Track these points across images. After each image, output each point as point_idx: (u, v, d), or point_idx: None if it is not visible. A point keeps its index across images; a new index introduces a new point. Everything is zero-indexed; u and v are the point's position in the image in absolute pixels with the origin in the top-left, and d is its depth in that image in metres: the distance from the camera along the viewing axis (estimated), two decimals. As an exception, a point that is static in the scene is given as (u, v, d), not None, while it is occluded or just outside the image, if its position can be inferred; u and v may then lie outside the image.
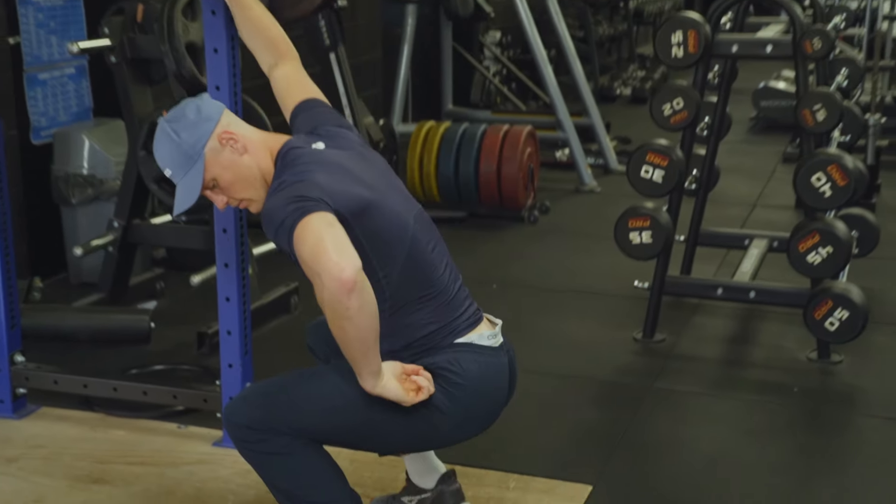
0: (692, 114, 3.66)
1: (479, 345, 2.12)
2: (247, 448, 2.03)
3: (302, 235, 1.88)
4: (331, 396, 2.03)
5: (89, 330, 3.63)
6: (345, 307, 1.84)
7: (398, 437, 2.09)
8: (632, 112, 8.46)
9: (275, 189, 2.01)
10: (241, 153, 2.07)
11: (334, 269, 1.82)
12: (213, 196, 2.09)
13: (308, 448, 2.02)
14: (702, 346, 3.75)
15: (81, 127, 4.28)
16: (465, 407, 2.08)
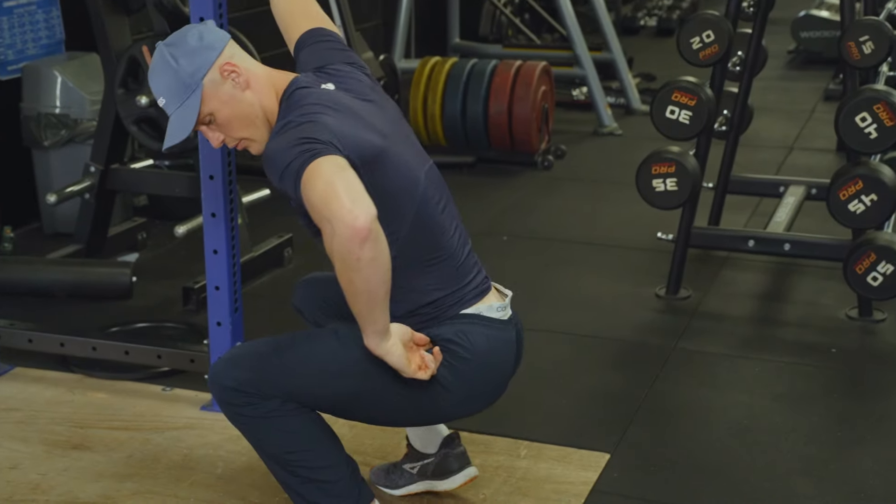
0: (724, 47, 3.61)
1: (488, 317, 2.11)
2: (234, 411, 2.04)
3: (311, 179, 1.85)
4: (327, 361, 2.03)
5: (66, 284, 3.63)
6: (356, 257, 1.82)
7: (396, 410, 2.09)
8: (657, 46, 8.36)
9: (280, 129, 1.99)
10: (244, 88, 2.04)
11: (347, 215, 1.80)
12: (207, 132, 2.06)
13: (299, 411, 2.03)
14: (730, 303, 3.74)
15: (53, 61, 4.24)
16: (471, 383, 2.09)
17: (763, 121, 5.69)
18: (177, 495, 2.51)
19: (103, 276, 3.65)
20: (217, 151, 2.70)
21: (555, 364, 3.25)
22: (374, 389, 2.04)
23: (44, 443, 2.72)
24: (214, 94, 2.02)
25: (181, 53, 2.02)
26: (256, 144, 2.08)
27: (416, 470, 2.45)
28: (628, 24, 8.90)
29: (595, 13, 6.42)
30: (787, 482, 2.61)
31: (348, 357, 2.02)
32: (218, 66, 2.03)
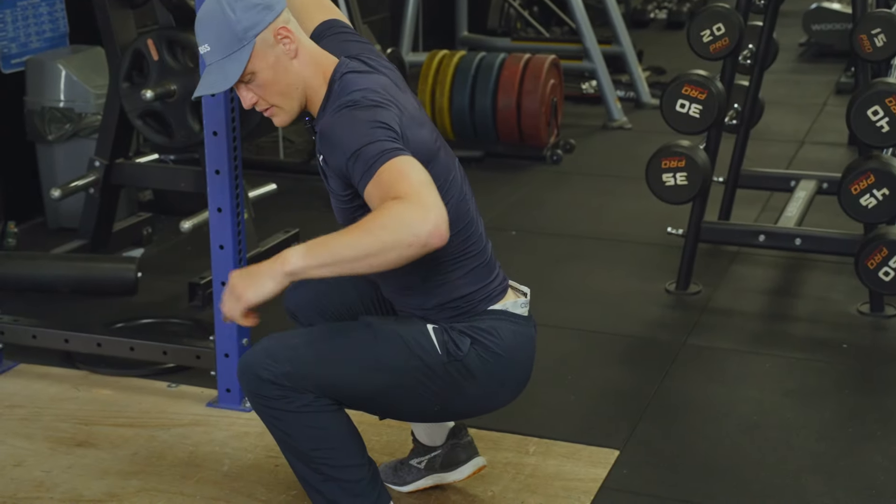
0: (734, 40, 3.60)
1: (515, 313, 2.16)
2: (265, 404, 2.04)
3: (402, 169, 1.82)
4: (364, 355, 2.05)
5: (70, 280, 3.64)
6: (407, 243, 1.78)
7: (425, 404, 2.11)
8: (667, 39, 8.34)
9: (340, 107, 1.97)
10: (291, 57, 2.04)
11: (441, 221, 1.78)
12: (242, 91, 2.05)
13: (330, 408, 2.05)
14: (741, 298, 3.74)
15: (57, 55, 4.25)
16: (499, 379, 2.13)
17: (774, 114, 5.68)
18: (182, 492, 2.52)
19: (108, 272, 3.65)
20: (223, 146, 2.71)
21: (564, 360, 3.25)
22: (408, 383, 2.06)
23: (48, 440, 2.74)
24: (263, 55, 2.01)
25: (240, 6, 1.99)
26: (284, 115, 2.07)
27: (424, 464, 2.46)
28: (638, 17, 8.87)
29: (605, 6, 6.41)
30: (798, 479, 2.61)
31: (385, 350, 2.05)
32: (273, 28, 2.02)
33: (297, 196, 4.76)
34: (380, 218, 1.80)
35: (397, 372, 2.06)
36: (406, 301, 2.15)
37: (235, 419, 2.83)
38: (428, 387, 2.08)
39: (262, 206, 4.15)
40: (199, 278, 3.59)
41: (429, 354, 2.07)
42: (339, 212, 2.13)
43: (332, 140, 1.96)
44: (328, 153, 1.98)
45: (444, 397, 2.11)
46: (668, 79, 4.49)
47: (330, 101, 2.04)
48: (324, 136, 1.99)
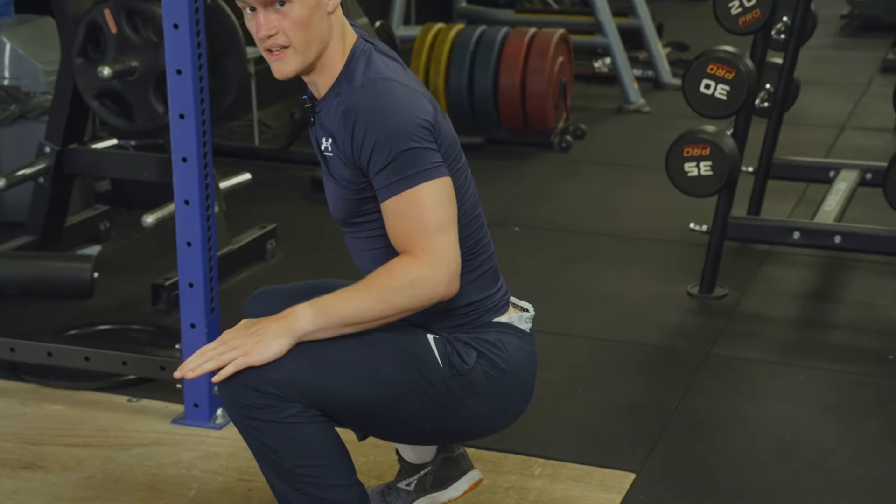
0: (766, 12, 3.61)
1: (520, 328, 2.19)
2: (247, 414, 2.04)
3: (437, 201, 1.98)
4: (356, 364, 2.06)
5: (17, 281, 3.64)
6: (418, 305, 1.98)
7: (420, 422, 2.13)
8: (690, 11, 8.35)
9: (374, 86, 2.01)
10: (330, 11, 2.07)
11: (453, 278, 1.99)
12: (268, 13, 2.03)
13: (318, 420, 2.06)
14: (772, 303, 3.75)
15: (0, 25, 4.25)
16: (502, 396, 2.15)
17: (811, 96, 5.69)
18: (144, 520, 2.52)
19: (60, 272, 3.66)
20: (191, 130, 2.71)
21: (573, 371, 3.26)
22: (404, 398, 2.08)
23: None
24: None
25: None
26: (295, 62, 2.06)
27: (414, 486, 2.47)
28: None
29: (620, -27, 6.43)
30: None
31: (381, 360, 2.07)
32: None
33: (273, 187, 4.76)
34: (393, 281, 1.98)
35: (393, 384, 2.07)
36: None
37: (204, 438, 2.83)
38: (425, 403, 2.09)
39: (234, 198, 4.15)
40: (164, 279, 3.59)
41: (429, 367, 2.08)
42: (340, 203, 2.12)
43: (364, 121, 1.99)
44: (350, 134, 2.00)
45: (441, 416, 2.12)
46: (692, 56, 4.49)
47: (349, 79, 2.06)
48: (349, 115, 2.00)
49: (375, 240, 2.13)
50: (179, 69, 2.69)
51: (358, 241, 2.17)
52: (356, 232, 2.16)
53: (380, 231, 2.11)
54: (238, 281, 3.84)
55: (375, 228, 2.11)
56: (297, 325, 1.98)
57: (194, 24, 2.67)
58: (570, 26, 5.99)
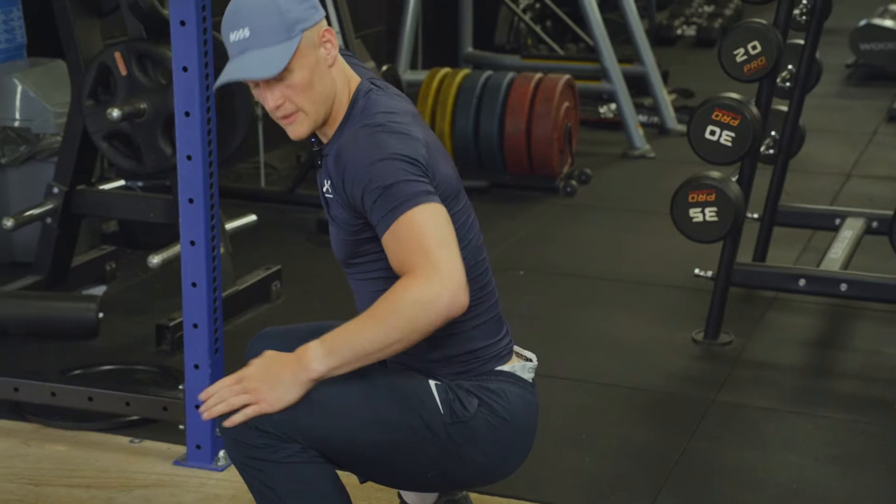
0: (772, 60, 3.63)
1: (523, 378, 2.19)
2: (246, 453, 2.04)
3: (428, 222, 1.95)
4: (357, 406, 2.06)
5: (23, 320, 3.65)
6: (428, 324, 1.93)
7: (419, 467, 2.12)
8: (696, 58, 8.40)
9: (362, 129, 2.03)
10: (329, 64, 2.10)
11: (460, 291, 1.92)
12: (271, 89, 2.07)
13: (317, 461, 2.06)
14: (778, 350, 3.73)
15: (12, 68, 4.29)
16: (502, 446, 2.14)
17: (816, 144, 5.70)
18: (144, 562, 2.50)
19: (66, 312, 3.66)
20: (198, 172, 2.73)
21: (575, 416, 3.24)
22: (403, 444, 2.08)
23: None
24: (305, 54, 2.06)
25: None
26: (307, 124, 2.09)
27: (415, 528, 2.45)
28: (664, 34, 8.95)
29: (626, 21, 6.47)
30: (843, 556, 2.60)
31: (381, 403, 2.07)
32: (319, 29, 2.08)
33: (279, 229, 4.77)
34: (395, 304, 1.93)
35: (393, 429, 2.06)
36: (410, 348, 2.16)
37: (206, 479, 2.82)
38: (424, 450, 2.08)
39: (240, 240, 4.16)
40: (168, 320, 3.59)
41: (429, 413, 2.08)
42: (341, 244, 2.14)
43: (352, 164, 2.00)
44: (342, 177, 2.02)
45: (441, 463, 2.11)
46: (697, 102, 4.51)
47: (350, 121, 2.09)
48: (340, 158, 2.03)
49: (376, 282, 2.13)
50: (188, 111, 2.71)
51: (359, 283, 2.18)
52: (357, 273, 2.17)
53: (379, 273, 2.11)
54: (242, 322, 3.84)
55: (375, 270, 2.12)
56: (311, 369, 1.98)
57: (203, 67, 2.69)
58: (576, 72, 6.02)
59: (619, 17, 6.76)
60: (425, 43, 6.99)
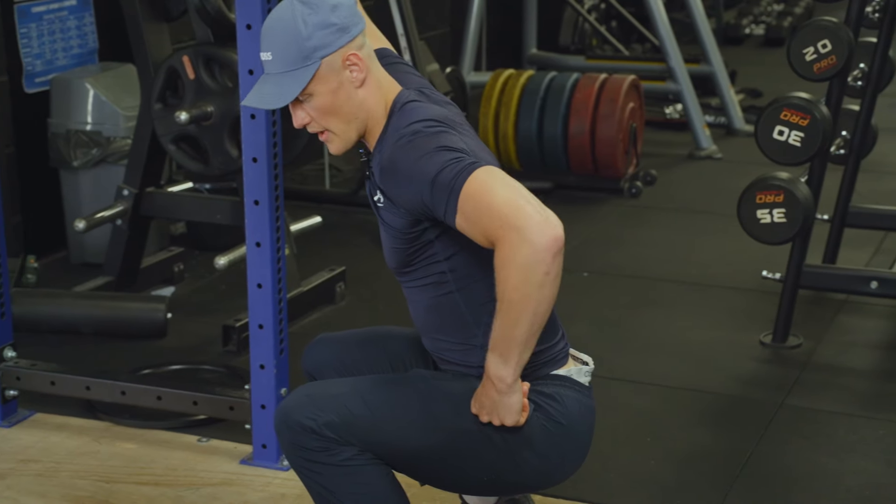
0: (843, 59, 3.57)
1: (579, 381, 2.18)
2: (304, 456, 2.06)
3: (487, 186, 1.92)
4: (413, 410, 2.08)
5: (93, 321, 3.72)
6: (545, 270, 1.89)
7: (473, 471, 2.12)
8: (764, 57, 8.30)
9: (401, 138, 2.04)
10: (357, 85, 2.10)
11: (543, 223, 1.88)
12: (296, 109, 2.12)
13: (374, 463, 2.08)
14: (849, 353, 3.67)
15: (84, 73, 4.37)
16: (558, 450, 2.13)
17: (889, 143, 5.59)
18: (211, 560, 2.53)
19: (135, 312, 3.72)
20: (263, 174, 2.75)
21: (641, 420, 3.22)
22: (459, 448, 2.08)
23: (65, 499, 2.78)
24: (325, 79, 2.08)
25: (313, 21, 2.06)
26: (339, 142, 2.12)
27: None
28: (731, 33, 8.85)
29: (693, 20, 6.41)
30: (916, 565, 2.55)
31: (438, 408, 2.08)
32: (343, 53, 2.08)
33: (343, 230, 4.80)
34: (510, 281, 1.91)
35: (450, 434, 2.07)
36: (462, 357, 2.16)
37: (272, 479, 2.85)
38: (480, 454, 2.08)
39: (304, 241, 4.19)
40: (235, 320, 3.63)
41: None
42: (393, 252, 2.15)
43: (400, 175, 2.01)
44: (394, 188, 2.03)
45: (496, 468, 2.11)
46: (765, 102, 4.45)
47: (388, 133, 2.09)
48: (386, 172, 2.04)
49: (427, 289, 2.13)
50: (253, 114, 2.74)
51: (411, 291, 2.18)
52: (408, 281, 2.17)
53: (430, 280, 2.11)
54: (307, 323, 3.87)
55: (426, 277, 2.12)
56: (503, 379, 1.99)
57: (269, 71, 2.71)
58: (642, 72, 5.98)
59: (685, 17, 6.69)
60: (489, 44, 6.99)
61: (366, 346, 2.32)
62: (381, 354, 2.30)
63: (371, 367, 2.28)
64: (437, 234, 2.07)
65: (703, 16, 6.42)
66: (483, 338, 2.09)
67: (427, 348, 2.23)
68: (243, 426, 2.96)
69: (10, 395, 3.14)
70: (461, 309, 2.12)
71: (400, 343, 2.32)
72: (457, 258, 2.09)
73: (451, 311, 2.13)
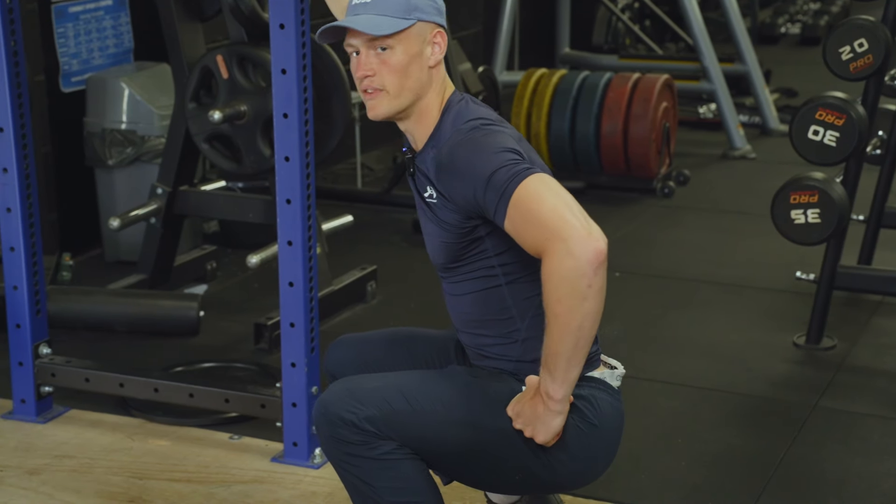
0: (879, 58, 3.54)
1: (611, 384, 2.19)
2: (343, 450, 2.08)
3: (537, 193, 1.97)
4: (452, 406, 2.09)
5: (127, 318, 3.75)
6: (588, 283, 1.93)
7: (505, 471, 2.13)
8: (799, 56, 8.24)
9: (459, 132, 2.08)
10: (431, 65, 2.15)
11: (588, 236, 1.93)
12: (368, 55, 2.13)
13: (412, 458, 2.10)
14: (885, 356, 3.64)
15: (120, 72, 4.41)
16: (590, 451, 2.14)
17: (925, 143, 5.54)
18: (242, 557, 2.55)
19: (168, 310, 3.75)
20: (295, 173, 2.77)
21: (672, 420, 3.21)
22: (494, 445, 2.09)
23: (99, 495, 2.80)
24: (412, 40, 2.12)
25: None
26: (387, 105, 2.14)
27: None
28: (766, 32, 8.79)
29: (727, 19, 6.37)
30: (951, 570, 2.52)
31: (475, 406, 2.09)
32: (434, 28, 2.14)
33: (375, 229, 4.81)
34: (556, 294, 1.94)
35: (485, 432, 2.09)
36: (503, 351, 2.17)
37: (302, 477, 2.86)
38: (514, 453, 2.10)
39: (336, 240, 4.20)
40: (266, 318, 3.65)
41: None
42: (442, 247, 2.16)
43: (457, 169, 2.05)
44: (449, 182, 2.06)
45: (529, 467, 2.12)
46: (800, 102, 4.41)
47: (443, 129, 2.13)
48: (443, 167, 2.07)
49: (475, 282, 2.14)
50: (286, 113, 2.75)
51: (456, 286, 2.19)
52: (454, 276, 2.18)
53: (479, 274, 2.12)
54: (339, 321, 3.88)
55: (475, 271, 2.13)
56: (552, 396, 2.01)
57: (301, 70, 2.73)
58: (675, 72, 5.95)
59: (719, 16, 6.66)
60: (522, 44, 6.98)
61: (389, 346, 2.33)
62: (405, 355, 2.31)
63: (394, 367, 2.28)
64: (488, 230, 2.10)
65: (738, 15, 6.38)
66: (526, 332, 2.13)
67: (465, 343, 2.24)
68: (274, 424, 2.97)
69: (45, 391, 3.18)
70: (507, 302, 2.14)
71: (424, 344, 2.33)
72: (507, 254, 2.11)
73: (497, 304, 2.14)
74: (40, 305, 3.14)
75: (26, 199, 3.06)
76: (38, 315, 3.14)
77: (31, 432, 3.10)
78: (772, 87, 6.77)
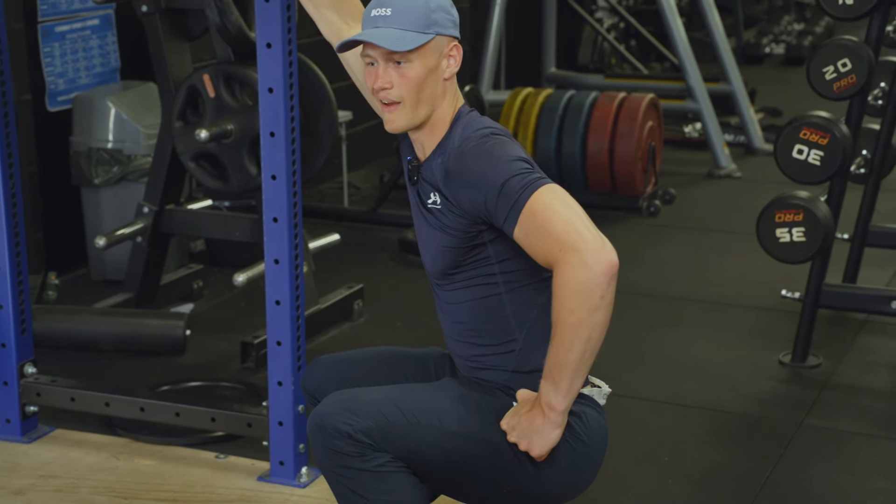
0: (863, 78, 3.57)
1: (597, 401, 2.21)
2: (338, 462, 2.08)
3: (550, 202, 2.01)
4: (447, 418, 2.11)
5: (113, 337, 3.74)
6: (600, 294, 1.97)
7: (497, 481, 2.14)
8: (784, 76, 8.29)
9: (468, 140, 2.12)
10: (446, 77, 2.19)
11: (602, 249, 1.97)
12: (387, 68, 2.16)
13: (405, 471, 2.10)
14: (869, 374, 3.66)
15: (106, 91, 4.41)
16: (580, 466, 2.16)
17: (909, 162, 5.58)
18: (228, 576, 2.54)
19: (154, 329, 3.74)
20: (282, 191, 2.77)
21: (658, 438, 3.21)
22: (485, 458, 2.11)
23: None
24: (429, 54, 2.15)
25: (437, 3, 2.16)
26: (404, 117, 2.17)
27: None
28: (751, 52, 8.85)
29: (712, 39, 6.42)
30: (937, 587, 2.53)
31: (468, 419, 2.11)
32: (451, 42, 2.19)
33: (361, 248, 4.82)
34: (565, 305, 1.98)
35: (478, 445, 2.10)
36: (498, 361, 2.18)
37: (289, 496, 2.85)
38: (503, 466, 2.11)
39: (323, 259, 4.21)
40: (253, 337, 3.65)
41: None
42: (443, 253, 2.17)
43: (467, 176, 2.08)
44: (458, 188, 2.09)
45: (517, 480, 2.13)
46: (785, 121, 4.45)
47: (453, 137, 2.16)
48: (453, 173, 2.10)
49: (473, 290, 2.15)
50: (273, 132, 2.76)
51: (453, 294, 2.19)
52: (451, 284, 2.18)
53: (478, 281, 2.14)
54: (325, 340, 3.88)
55: (476, 277, 2.15)
56: (554, 407, 2.02)
57: (288, 89, 2.74)
58: (661, 91, 5.99)
59: (705, 36, 6.70)
60: (508, 63, 7.01)
61: (368, 364, 2.34)
62: (385, 372, 2.32)
63: (374, 385, 2.29)
64: (492, 237, 2.12)
65: (723, 35, 6.43)
66: (523, 342, 2.15)
67: (457, 354, 2.25)
68: (261, 443, 2.96)
69: (30, 410, 3.16)
70: (506, 311, 2.15)
71: (403, 362, 2.34)
72: (510, 262, 2.13)
73: (495, 312, 2.16)
74: (26, 325, 3.14)
75: (12, 218, 3.05)
76: (23, 334, 3.13)
77: (15, 452, 3.08)
78: (757, 107, 6.82)
